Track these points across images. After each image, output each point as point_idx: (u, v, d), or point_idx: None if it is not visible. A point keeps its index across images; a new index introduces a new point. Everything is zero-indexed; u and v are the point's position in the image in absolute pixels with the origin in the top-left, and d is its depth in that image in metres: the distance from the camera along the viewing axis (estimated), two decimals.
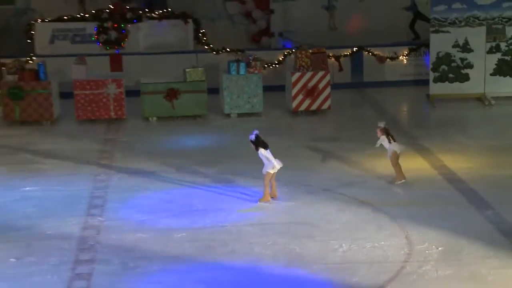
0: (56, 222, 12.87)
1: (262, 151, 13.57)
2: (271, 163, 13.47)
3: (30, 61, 21.11)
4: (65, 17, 23.46)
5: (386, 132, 14.59)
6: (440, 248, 11.42)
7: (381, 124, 14.80)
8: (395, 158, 14.52)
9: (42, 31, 23.31)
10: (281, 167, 13.57)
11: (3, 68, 20.23)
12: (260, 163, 13.62)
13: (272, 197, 13.74)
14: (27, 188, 14.61)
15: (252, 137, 13.74)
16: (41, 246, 11.88)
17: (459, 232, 12.04)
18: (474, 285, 10.26)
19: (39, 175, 15.46)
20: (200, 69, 20.08)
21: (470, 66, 21.06)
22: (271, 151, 13.56)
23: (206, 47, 23.30)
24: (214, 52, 22.93)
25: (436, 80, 21.25)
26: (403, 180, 14.47)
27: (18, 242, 12.02)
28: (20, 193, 14.34)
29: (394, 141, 14.55)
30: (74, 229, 12.55)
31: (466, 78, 21.15)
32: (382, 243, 11.74)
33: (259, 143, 13.66)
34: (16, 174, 15.50)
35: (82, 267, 11.09)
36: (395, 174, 14.55)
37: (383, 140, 14.58)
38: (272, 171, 13.52)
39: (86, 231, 12.48)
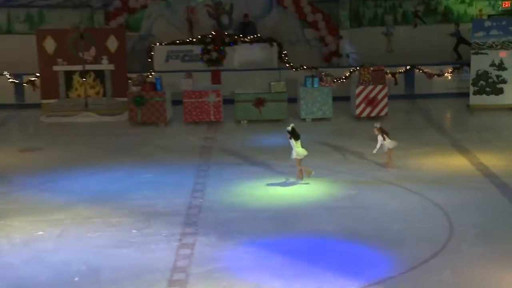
0: (167, 202, 13.03)
1: (292, 141, 13.89)
2: (295, 152, 13.86)
3: (150, 76, 21.42)
4: (177, 41, 23.78)
5: (382, 131, 14.62)
6: (476, 230, 11.21)
7: (377, 124, 14.91)
8: (389, 152, 14.76)
9: (159, 52, 23.64)
10: (305, 155, 13.92)
11: (129, 81, 20.59)
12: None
13: (298, 178, 14.09)
14: (145, 175, 14.81)
15: (289, 128, 14.04)
16: (156, 220, 12.06)
17: (492, 218, 11.82)
18: (504, 261, 10.06)
19: (155, 165, 15.65)
20: (282, 82, 20.14)
21: (504, 81, 20.63)
22: (301, 142, 13.95)
23: (287, 65, 23.35)
24: (294, 69, 22.94)
25: (475, 93, 20.86)
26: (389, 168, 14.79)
27: (139, 217, 12.23)
28: (140, 179, 14.55)
29: (389, 138, 14.62)
30: (181, 208, 12.69)
31: (500, 91, 20.70)
32: (428, 225, 11.61)
33: (293, 134, 13.94)
34: (138, 164, 15.71)
35: (187, 238, 11.21)
36: (387, 162, 14.95)
37: (379, 138, 14.62)
38: (298, 157, 13.88)
39: (190, 210, 12.61)
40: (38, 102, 21.24)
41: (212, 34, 23.83)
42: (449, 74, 23.08)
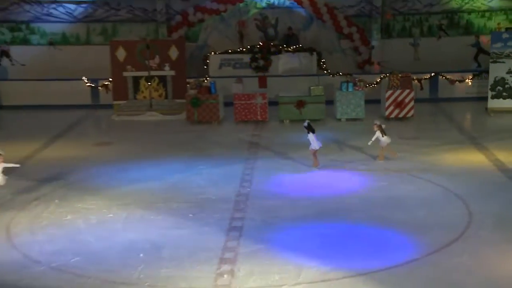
0: (219, 190, 13.09)
1: (310, 135, 14.27)
2: (313, 144, 14.25)
3: (205, 80, 21.54)
4: (229, 51, 23.85)
5: (380, 128, 14.56)
6: (493, 219, 11.06)
7: (377, 122, 14.91)
8: (387, 146, 14.76)
9: (213, 60, 23.73)
10: (320, 147, 14.34)
11: (187, 85, 20.75)
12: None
13: (315, 166, 14.44)
14: (200, 167, 14.88)
15: (305, 124, 14.47)
16: (209, 206, 12.13)
17: (509, 208, 11.63)
18: None
19: (208, 158, 15.74)
20: (320, 87, 20.08)
21: None
22: (316, 136, 14.29)
23: (325, 71, 23.25)
24: (331, 75, 22.83)
25: (493, 97, 20.53)
26: (382, 160, 14.85)
27: (194, 203, 12.31)
28: (195, 170, 14.63)
29: (385, 135, 14.63)
30: (231, 195, 12.74)
31: None
32: (449, 213, 11.47)
33: (310, 128, 14.30)
34: (194, 157, 15.81)
35: (236, 222, 11.26)
36: (379, 155, 14.98)
37: (378, 134, 14.56)
38: (314, 149, 14.30)
39: (239, 197, 12.65)
40: (110, 103, 21.56)
41: (259, 44, 23.88)
42: (469, 80, 22.75)
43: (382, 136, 14.63)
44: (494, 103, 20.55)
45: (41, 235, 10.90)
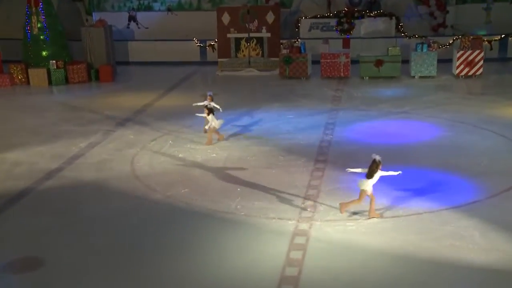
0: (305, 136, 13.02)
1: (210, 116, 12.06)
2: (213, 123, 12.11)
3: (296, 41, 21.15)
4: (318, 16, 23.36)
5: (208, 109, 12.24)
6: None
7: (210, 93, 13.07)
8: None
9: (304, 24, 23.30)
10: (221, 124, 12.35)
11: (281, 45, 20.49)
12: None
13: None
14: (290, 116, 14.82)
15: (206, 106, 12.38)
16: (297, 149, 12.11)
17: None
18: None
19: (297, 108, 15.62)
20: (397, 47, 19.35)
21: None
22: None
23: (402, 34, 22.33)
24: (408, 37, 21.91)
25: None
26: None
27: (284, 147, 12.32)
28: (286, 119, 14.58)
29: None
30: (315, 141, 12.64)
31: None
32: (510, 160, 10.98)
33: (211, 110, 12.21)
34: (284, 107, 15.73)
35: (319, 164, 11.20)
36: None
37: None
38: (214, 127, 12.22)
39: (322, 143, 12.53)
40: (215, 60, 21.66)
41: (345, 10, 23.25)
42: None
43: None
44: None
45: (158, 169, 11.25)
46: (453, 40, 20.98)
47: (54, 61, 19.70)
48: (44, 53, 19.95)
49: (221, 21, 21.18)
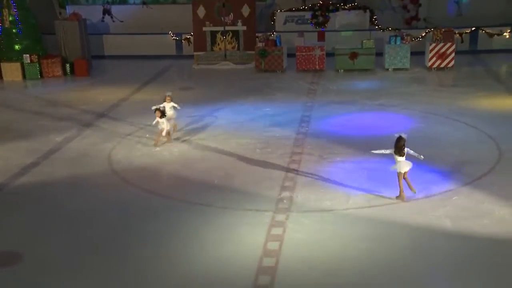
0: (281, 129, 13.07)
1: (160, 119, 11.66)
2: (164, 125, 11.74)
3: (272, 35, 21.16)
4: (293, 9, 23.36)
5: (160, 112, 11.78)
6: None
7: (169, 93, 12.49)
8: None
9: (280, 17, 23.26)
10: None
11: (256, 38, 20.49)
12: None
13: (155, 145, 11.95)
14: (266, 109, 14.85)
15: (153, 108, 11.98)
16: (273, 142, 12.16)
17: None
18: None
19: (273, 101, 15.66)
20: (371, 40, 19.48)
21: None
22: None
23: (376, 27, 22.48)
24: (381, 30, 22.07)
25: None
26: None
27: (261, 140, 12.35)
28: (261, 112, 14.61)
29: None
30: (292, 134, 12.71)
31: None
32: (482, 151, 11.15)
33: (163, 113, 11.77)
34: (260, 100, 15.76)
35: (296, 156, 11.27)
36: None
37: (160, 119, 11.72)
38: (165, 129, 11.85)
39: (298, 135, 12.60)
40: (191, 54, 21.55)
41: (320, 3, 23.25)
42: (507, 33, 21.51)
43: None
44: None
45: (135, 163, 11.21)
46: (426, 33, 21.20)
47: (27, 55, 19.41)
48: (17, 46, 19.65)
49: (197, 14, 21.07)
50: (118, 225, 8.65)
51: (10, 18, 19.42)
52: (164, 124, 11.85)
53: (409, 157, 9.12)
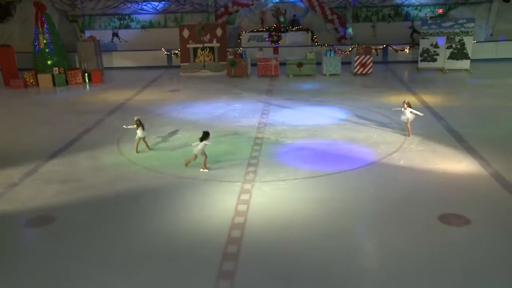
0: (247, 120, 12.78)
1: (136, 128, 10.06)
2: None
3: (239, 49, 20.78)
4: (254, 30, 22.98)
5: (409, 105, 10.89)
6: (420, 137, 10.64)
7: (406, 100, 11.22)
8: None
9: (244, 36, 22.85)
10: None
11: (227, 52, 20.04)
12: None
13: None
14: (235, 105, 14.53)
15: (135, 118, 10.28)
16: (241, 130, 11.87)
17: (429, 128, 11.15)
18: (434, 154, 9.48)
19: (240, 99, 15.33)
20: (313, 53, 19.28)
21: (437, 54, 19.22)
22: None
23: (316, 43, 22.31)
24: (320, 46, 21.91)
25: (422, 60, 19.49)
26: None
27: (232, 128, 12.04)
28: (232, 107, 14.28)
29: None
30: (255, 123, 12.44)
31: (435, 60, 19.31)
32: (392, 134, 11.04)
33: (140, 125, 10.14)
34: (231, 98, 15.43)
35: (258, 140, 11.01)
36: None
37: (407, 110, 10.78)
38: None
39: (260, 125, 12.33)
40: (179, 64, 21.00)
41: (274, 26, 22.97)
42: (407, 49, 21.67)
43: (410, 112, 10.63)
44: (422, 65, 19.55)
45: (138, 148, 10.75)
46: (351, 48, 21.15)
47: (56, 68, 18.91)
48: (49, 62, 19.07)
49: (183, 35, 20.49)
50: (123, 193, 8.26)
51: (44, 41, 19.00)
52: (140, 132, 10.16)
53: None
